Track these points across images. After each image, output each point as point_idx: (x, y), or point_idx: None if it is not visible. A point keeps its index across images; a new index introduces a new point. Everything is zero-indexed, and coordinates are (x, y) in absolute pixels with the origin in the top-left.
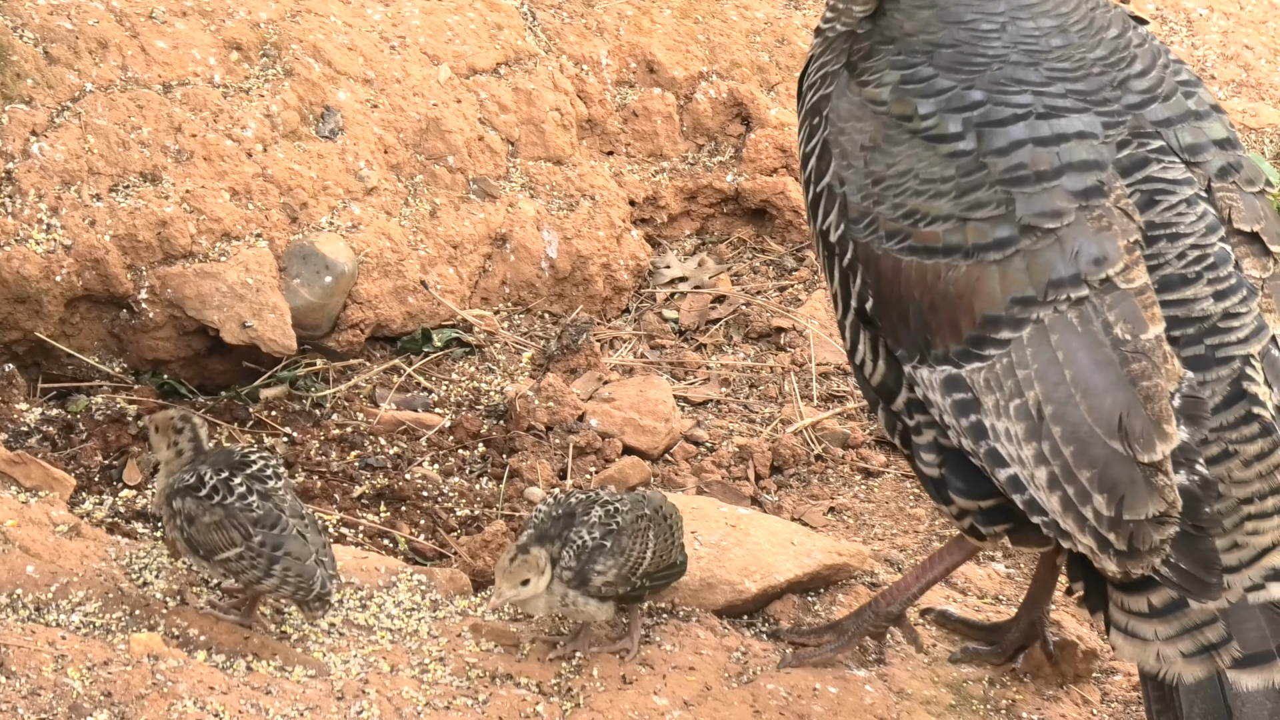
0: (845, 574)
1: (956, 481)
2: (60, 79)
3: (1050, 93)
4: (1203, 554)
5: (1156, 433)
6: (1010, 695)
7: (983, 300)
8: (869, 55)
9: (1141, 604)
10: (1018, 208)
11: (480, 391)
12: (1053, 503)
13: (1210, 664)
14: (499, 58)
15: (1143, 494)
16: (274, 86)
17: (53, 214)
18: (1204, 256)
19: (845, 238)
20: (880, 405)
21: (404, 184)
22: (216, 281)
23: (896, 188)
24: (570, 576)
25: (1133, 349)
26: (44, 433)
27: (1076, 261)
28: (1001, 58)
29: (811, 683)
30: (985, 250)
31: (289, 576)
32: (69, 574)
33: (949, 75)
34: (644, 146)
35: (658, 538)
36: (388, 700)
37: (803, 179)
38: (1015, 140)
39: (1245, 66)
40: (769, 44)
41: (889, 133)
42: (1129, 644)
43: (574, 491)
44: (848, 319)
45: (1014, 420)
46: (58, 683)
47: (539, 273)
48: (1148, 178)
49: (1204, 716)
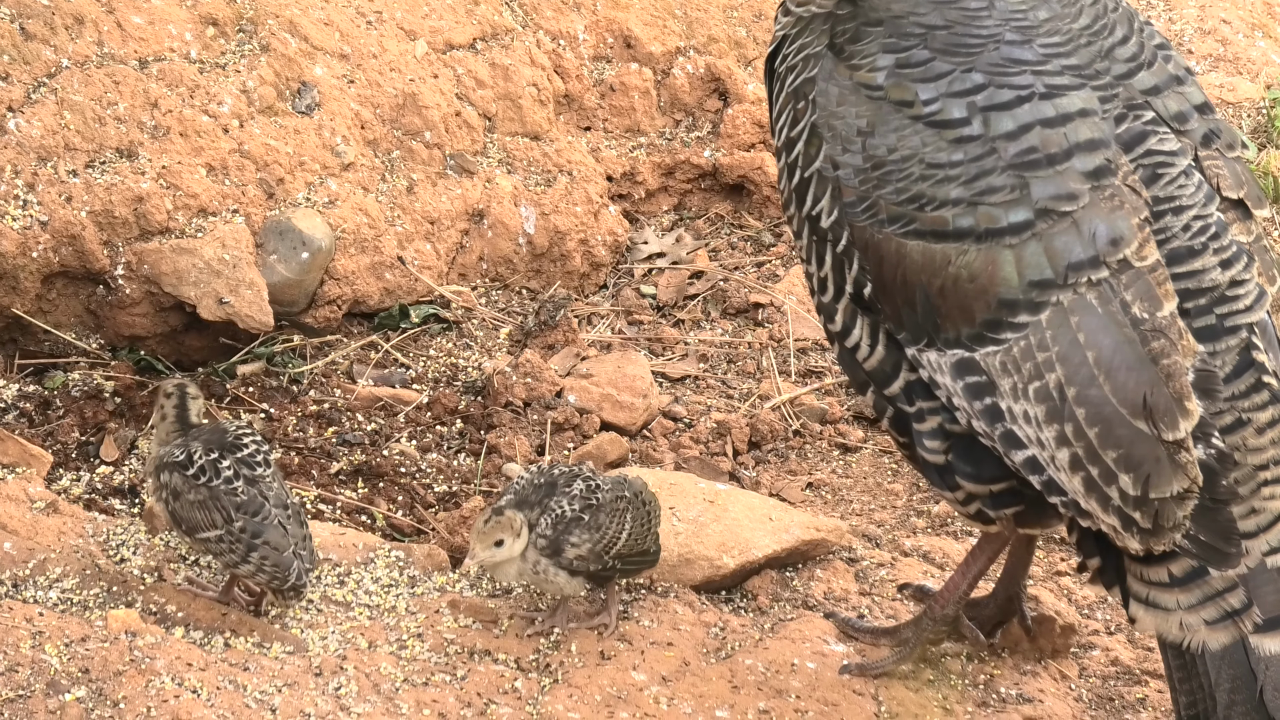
0: (823, 549)
1: (965, 466)
2: (36, 55)
3: (1048, 71)
4: (1221, 525)
5: (1179, 410)
6: (988, 670)
7: (998, 284)
8: (856, 38)
9: (1162, 574)
10: (1033, 191)
11: (458, 368)
12: (1075, 484)
13: (1234, 630)
14: (476, 33)
15: (1167, 472)
16: (250, 62)
17: (29, 190)
18: (1206, 227)
19: (840, 222)
20: (872, 389)
21: (381, 160)
22: (193, 258)
23: (899, 172)
24: (545, 545)
25: (1151, 327)
26: (21, 409)
27: (1094, 243)
28: (995, 37)
29: (790, 658)
30: (1000, 235)
31: (265, 565)
32: (46, 550)
33: (946, 58)
34: (621, 122)
35: (634, 521)
36: (366, 676)
37: (783, 163)
38: (1023, 124)
39: (1223, 41)
40: (746, 19)
41: (888, 117)
42: (1150, 615)
43: (558, 464)
44: (840, 303)
45: (1034, 403)
46: (35, 659)
47: (516, 249)
48: (1148, 151)
49: (1231, 682)
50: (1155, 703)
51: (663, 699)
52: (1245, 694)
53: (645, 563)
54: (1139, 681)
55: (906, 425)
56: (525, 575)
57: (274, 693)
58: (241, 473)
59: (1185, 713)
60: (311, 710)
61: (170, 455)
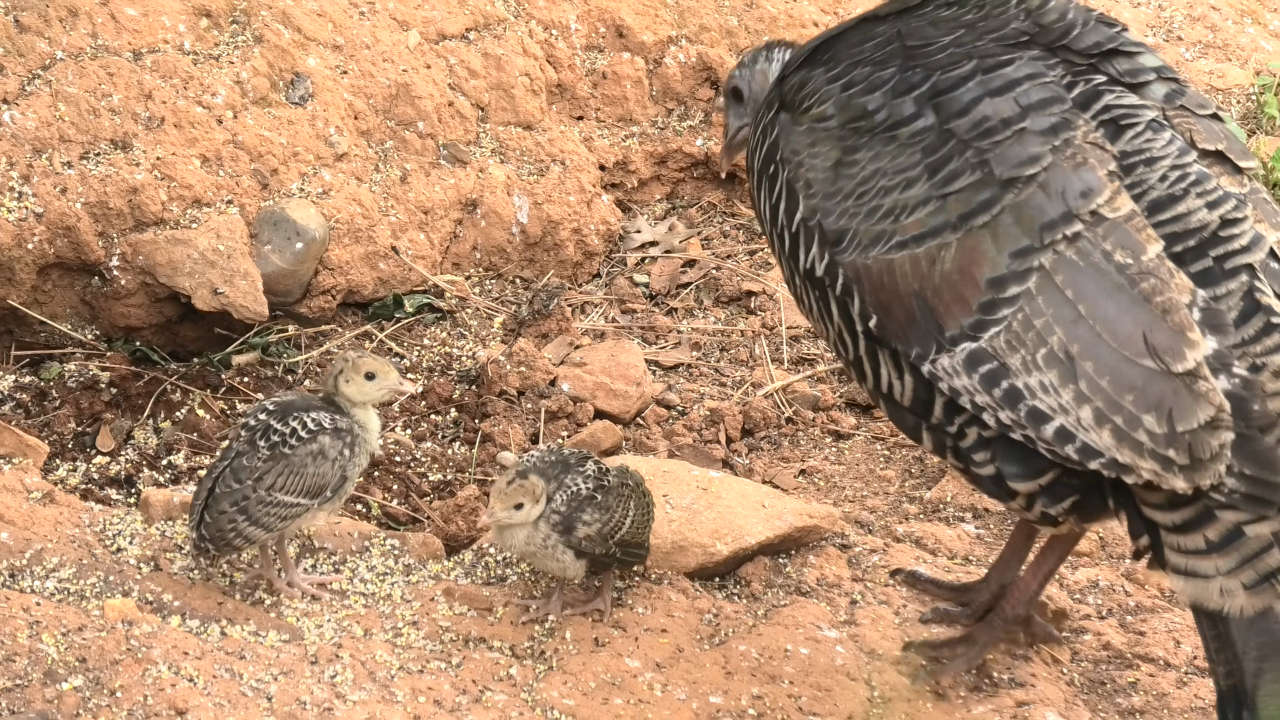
0: (816, 536)
1: (1010, 468)
2: (31, 47)
3: (980, 47)
4: (1264, 453)
5: (1183, 341)
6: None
7: (982, 264)
8: (801, 86)
9: (1198, 540)
10: (994, 165)
11: (452, 357)
12: (1105, 439)
13: (1270, 594)
14: (468, 23)
15: (1188, 402)
16: (244, 53)
17: (24, 182)
18: (1185, 175)
19: (832, 265)
20: (923, 426)
21: (374, 150)
22: (188, 248)
23: (870, 193)
24: (558, 521)
25: (1137, 270)
26: (17, 400)
27: (1064, 199)
28: (921, 34)
29: (783, 644)
30: (972, 216)
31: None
32: (43, 540)
33: (884, 67)
34: (614, 111)
35: (636, 509)
36: (361, 664)
37: (772, 234)
38: (972, 98)
39: (1212, 28)
40: (737, 8)
41: (847, 143)
42: (1191, 584)
43: (566, 446)
44: (860, 348)
45: (1045, 370)
46: (33, 649)
47: (510, 238)
48: (1106, 107)
49: (1259, 649)
50: (1146, 686)
51: (657, 685)
52: (1274, 660)
53: (639, 556)
54: (1130, 665)
55: (960, 452)
56: (533, 545)
57: (270, 681)
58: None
59: (1224, 683)
60: (307, 698)
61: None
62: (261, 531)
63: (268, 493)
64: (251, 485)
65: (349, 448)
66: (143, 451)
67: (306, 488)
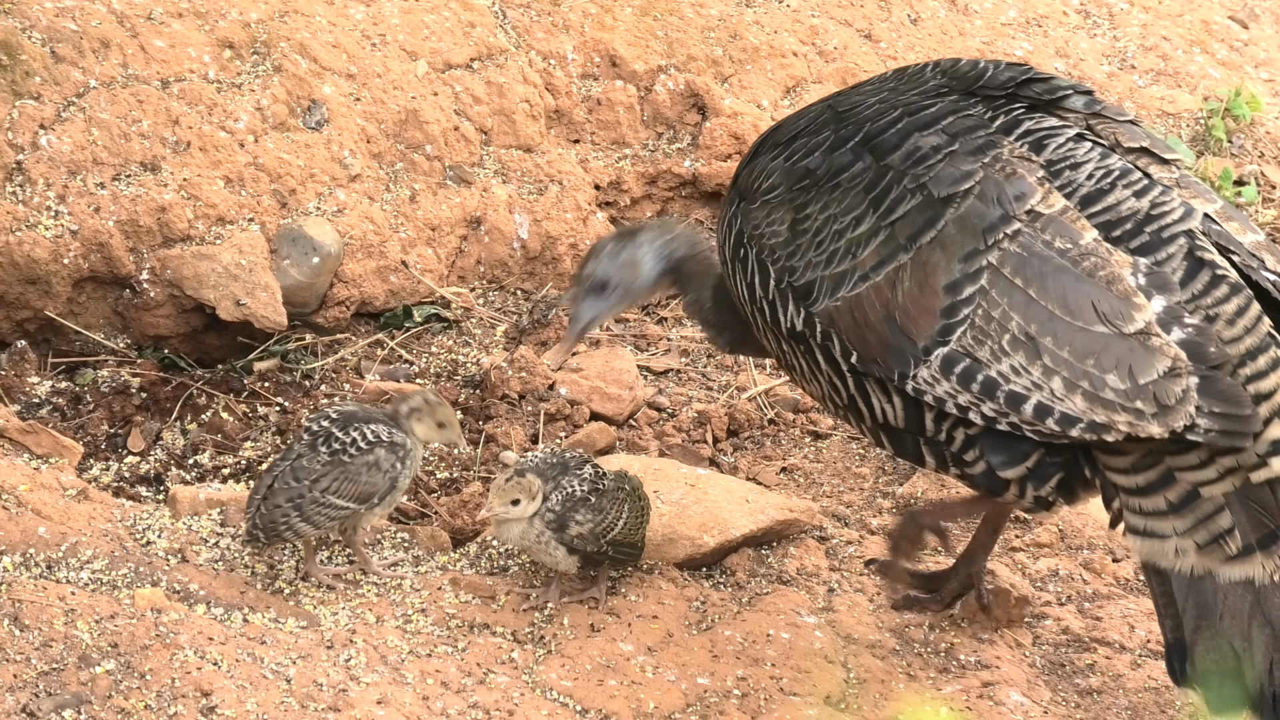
0: (796, 528)
1: (996, 457)
2: (66, 76)
3: (904, 100)
4: (1228, 390)
5: (1129, 305)
6: (949, 639)
7: (937, 274)
8: (752, 171)
9: (1159, 502)
10: (931, 186)
11: (458, 363)
12: (1078, 403)
13: (1217, 555)
14: (472, 53)
15: (1145, 357)
16: (264, 82)
17: (60, 201)
18: (1110, 172)
19: (809, 317)
20: (922, 443)
21: (385, 171)
22: (212, 263)
23: (826, 240)
24: (552, 519)
25: (1077, 253)
26: (54, 404)
27: (1001, 204)
28: (849, 101)
29: (766, 629)
30: (919, 235)
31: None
32: (78, 534)
33: (819, 134)
34: (608, 135)
35: (630, 512)
36: (374, 649)
37: (754, 313)
38: (902, 135)
39: (1164, 56)
40: (723, 39)
41: (797, 203)
42: (1148, 543)
43: (568, 449)
44: (851, 387)
45: (1012, 353)
46: (68, 635)
47: (511, 252)
48: (1027, 130)
49: (1196, 609)
50: (1103, 668)
51: (648, 668)
52: (1207, 621)
53: (632, 555)
54: (1088, 649)
55: (955, 457)
56: (527, 539)
57: (289, 664)
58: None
59: (1170, 635)
60: (324, 680)
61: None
62: (310, 528)
63: (322, 494)
64: (308, 485)
65: (401, 462)
66: (170, 452)
67: (358, 494)
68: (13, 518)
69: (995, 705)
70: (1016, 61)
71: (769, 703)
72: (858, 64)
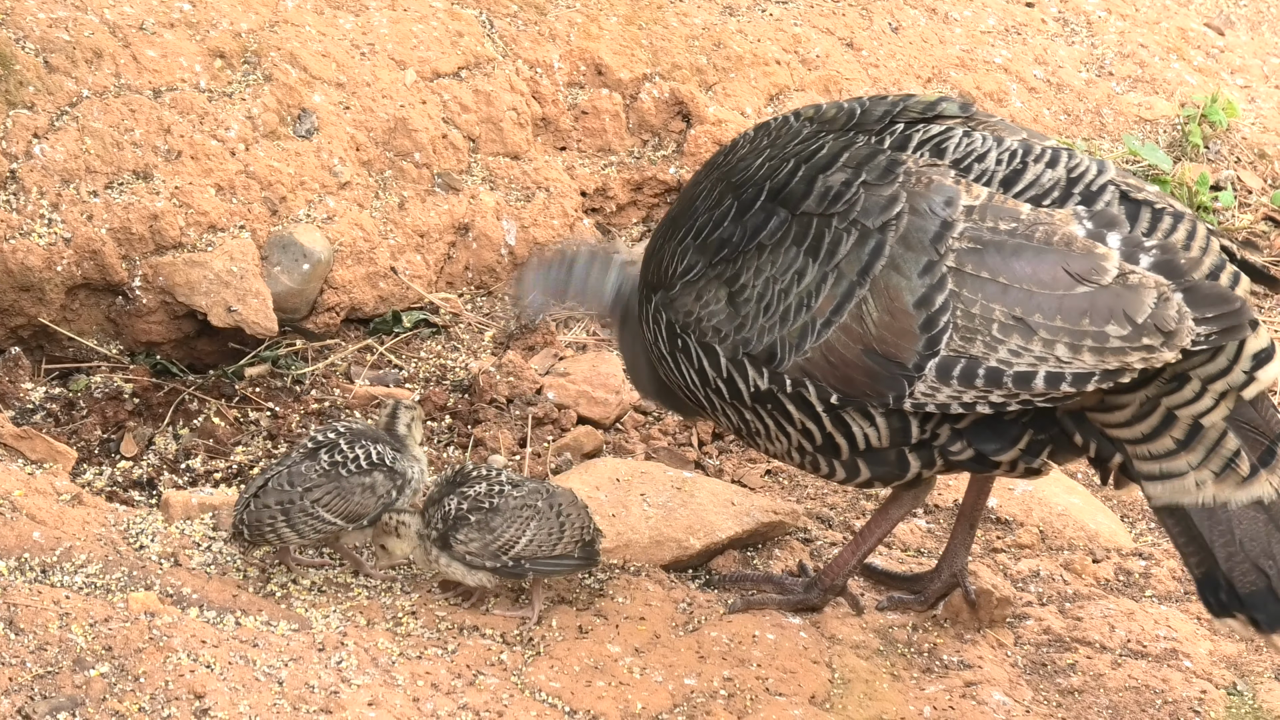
0: (781, 530)
1: (990, 444)
2: (59, 86)
3: (790, 150)
4: (1210, 291)
5: (1097, 257)
6: (932, 639)
7: (902, 294)
8: (660, 265)
9: (1167, 443)
10: (861, 219)
11: (446, 368)
12: (1088, 360)
13: (1232, 480)
14: (460, 62)
15: (1133, 298)
16: (254, 91)
17: (53, 209)
18: (1014, 153)
19: (775, 374)
20: (906, 451)
21: (374, 179)
22: (204, 270)
23: (773, 301)
24: (435, 537)
25: (1024, 228)
26: (47, 410)
27: (935, 213)
28: (737, 169)
29: (751, 630)
30: (869, 267)
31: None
32: (72, 539)
33: (720, 204)
34: (594, 142)
35: (539, 529)
36: (365, 651)
37: (708, 396)
38: (806, 179)
39: (1140, 64)
40: (707, 47)
41: (726, 275)
42: (1168, 485)
43: (478, 465)
44: (827, 425)
45: (1007, 339)
46: (63, 638)
47: (499, 258)
48: (920, 141)
49: (1223, 537)
50: (1084, 667)
51: (636, 669)
52: (1234, 547)
53: (565, 567)
54: (1069, 649)
55: (941, 451)
56: (428, 564)
57: (281, 666)
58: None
59: (1197, 571)
60: (315, 682)
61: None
62: (295, 536)
63: (312, 505)
64: (300, 493)
65: (397, 489)
66: (163, 456)
67: (347, 512)
68: (7, 522)
69: (978, 705)
70: (879, 95)
71: (755, 703)
72: (840, 72)
